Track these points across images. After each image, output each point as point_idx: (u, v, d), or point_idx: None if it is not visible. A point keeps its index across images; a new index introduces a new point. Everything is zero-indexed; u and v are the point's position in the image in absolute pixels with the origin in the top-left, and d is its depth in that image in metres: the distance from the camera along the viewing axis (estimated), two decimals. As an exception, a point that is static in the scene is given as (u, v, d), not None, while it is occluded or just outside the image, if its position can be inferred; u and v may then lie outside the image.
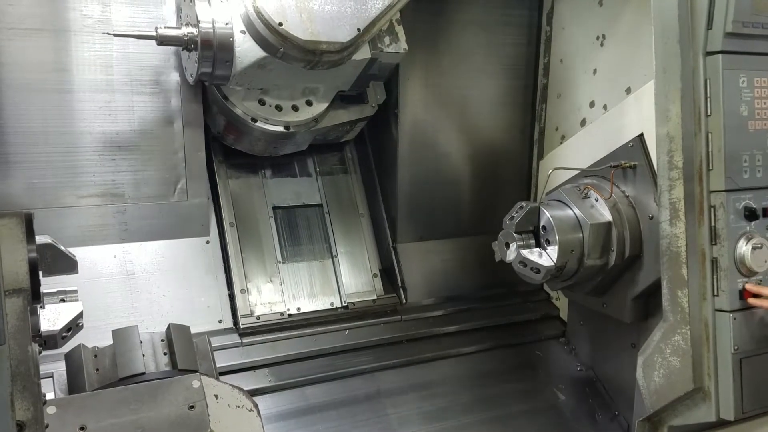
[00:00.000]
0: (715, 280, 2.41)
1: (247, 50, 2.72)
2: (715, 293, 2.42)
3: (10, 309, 1.52)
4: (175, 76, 2.97)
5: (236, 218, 3.24)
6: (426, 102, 3.45)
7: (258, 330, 3.09)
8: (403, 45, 3.04)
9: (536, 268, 2.78)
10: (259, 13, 2.60)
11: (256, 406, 2.11)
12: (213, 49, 2.69)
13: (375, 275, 3.45)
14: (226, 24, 2.69)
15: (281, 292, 3.22)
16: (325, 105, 3.09)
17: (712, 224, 2.40)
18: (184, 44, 2.71)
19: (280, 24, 2.59)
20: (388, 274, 3.52)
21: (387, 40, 3.00)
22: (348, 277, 3.39)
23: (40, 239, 1.89)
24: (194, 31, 2.68)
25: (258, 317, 3.11)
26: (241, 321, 3.05)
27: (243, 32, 2.70)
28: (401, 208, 3.50)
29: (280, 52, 2.67)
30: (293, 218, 3.41)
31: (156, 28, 2.66)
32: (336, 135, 3.42)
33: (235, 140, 3.18)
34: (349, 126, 3.36)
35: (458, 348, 3.37)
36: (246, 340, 3.03)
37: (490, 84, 3.58)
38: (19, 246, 1.59)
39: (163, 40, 2.69)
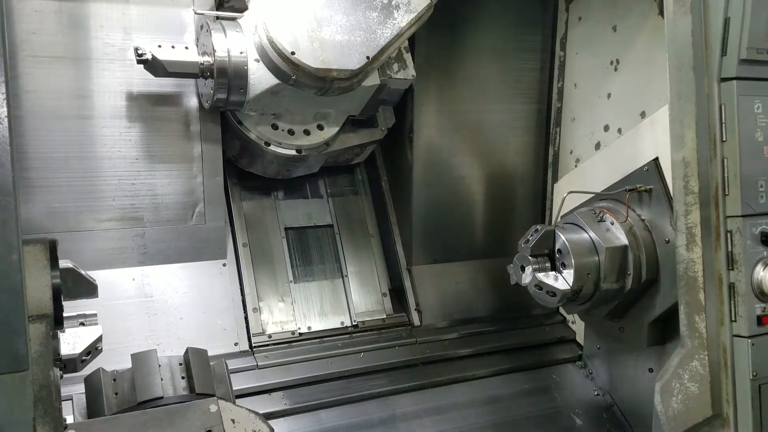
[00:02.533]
0: (732, 305, 2.39)
1: (260, 78, 2.81)
2: (733, 319, 2.40)
3: (33, 335, 1.55)
4: (194, 103, 3.02)
5: (249, 239, 3.29)
6: (440, 126, 3.49)
7: (270, 348, 3.11)
8: (411, 72, 3.12)
9: (552, 292, 2.78)
10: (272, 43, 2.69)
11: (272, 430, 2.12)
12: (228, 77, 2.78)
13: (384, 294, 3.49)
14: (241, 53, 2.78)
15: (292, 311, 3.27)
16: (336, 129, 3.17)
17: (729, 249, 2.38)
18: (200, 72, 2.79)
19: (293, 53, 2.68)
20: (398, 294, 3.54)
21: (396, 66, 3.09)
22: (358, 297, 3.43)
23: (61, 264, 1.91)
24: (210, 59, 2.77)
25: (270, 336, 3.16)
26: (253, 339, 3.10)
27: (257, 61, 2.79)
28: (416, 231, 3.52)
29: (292, 80, 2.76)
30: (305, 239, 3.46)
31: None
32: (347, 157, 3.49)
33: (248, 163, 3.25)
34: (359, 149, 3.43)
35: (473, 371, 3.35)
36: (261, 363, 3.04)
37: (504, 108, 3.62)
38: (44, 272, 1.63)
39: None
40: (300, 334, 3.23)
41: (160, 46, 2.73)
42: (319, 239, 3.49)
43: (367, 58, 2.79)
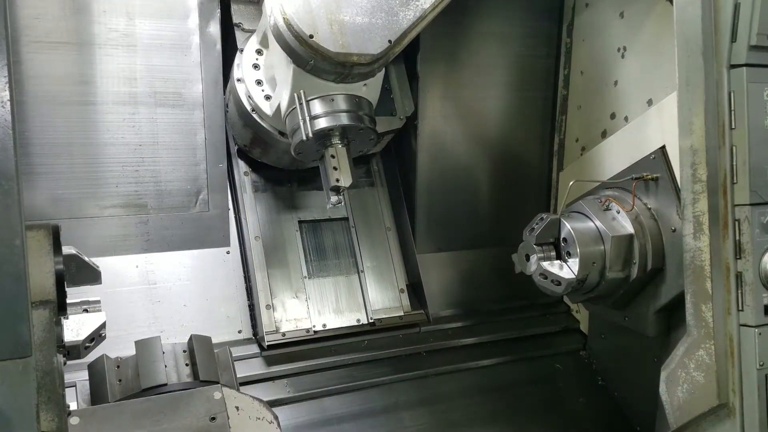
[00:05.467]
0: (739, 294, 2.38)
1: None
2: (740, 308, 2.38)
3: (36, 321, 1.54)
4: (198, 89, 3.00)
5: (261, 232, 3.19)
6: (445, 113, 3.45)
7: (283, 347, 3.06)
8: None
9: (557, 281, 2.76)
10: (289, 25, 2.53)
11: (276, 417, 2.12)
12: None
13: (402, 291, 3.40)
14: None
15: (307, 308, 3.17)
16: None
17: (737, 238, 2.36)
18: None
19: (311, 36, 2.52)
20: (415, 290, 3.46)
21: None
22: (374, 293, 3.33)
23: (64, 250, 1.91)
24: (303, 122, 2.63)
25: (283, 334, 3.05)
26: (267, 338, 3.01)
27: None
28: (419, 220, 3.50)
29: (309, 65, 2.60)
30: (319, 232, 3.36)
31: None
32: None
33: (261, 153, 3.15)
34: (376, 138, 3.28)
35: (477, 360, 3.35)
36: (266, 352, 3.03)
37: (509, 95, 3.58)
38: (47, 258, 1.62)
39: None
40: (315, 332, 3.13)
41: None
42: (334, 233, 3.39)
43: (389, 41, 2.62)
